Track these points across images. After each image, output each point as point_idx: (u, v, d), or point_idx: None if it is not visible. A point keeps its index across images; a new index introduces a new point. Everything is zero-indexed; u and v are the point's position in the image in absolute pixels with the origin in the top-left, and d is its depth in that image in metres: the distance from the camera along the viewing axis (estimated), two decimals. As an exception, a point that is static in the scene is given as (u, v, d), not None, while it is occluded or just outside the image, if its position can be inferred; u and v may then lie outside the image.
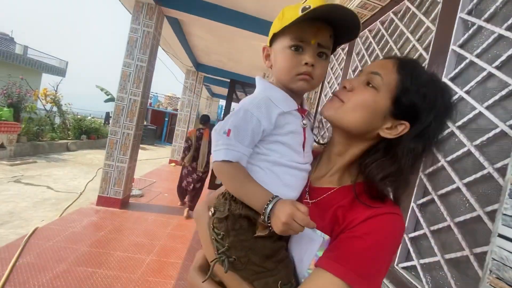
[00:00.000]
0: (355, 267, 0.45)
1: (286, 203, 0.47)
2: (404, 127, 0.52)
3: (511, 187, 0.56)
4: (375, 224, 0.48)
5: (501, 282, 0.54)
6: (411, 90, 0.51)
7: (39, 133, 7.22)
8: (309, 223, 0.46)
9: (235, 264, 0.52)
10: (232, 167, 0.52)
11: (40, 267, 2.21)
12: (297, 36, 0.54)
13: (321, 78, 0.59)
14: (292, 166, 0.57)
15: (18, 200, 3.86)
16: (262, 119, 0.53)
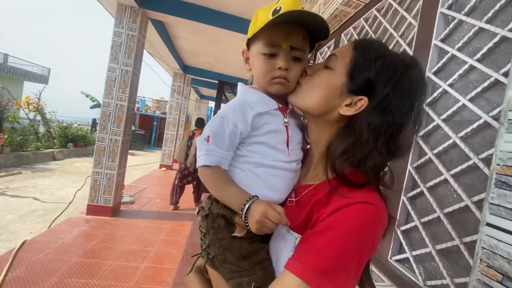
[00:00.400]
0: (311, 264, 0.43)
1: (261, 203, 0.49)
2: (363, 102, 0.50)
3: (497, 177, 0.57)
4: (338, 217, 0.45)
5: (491, 270, 0.56)
6: (364, 64, 0.51)
7: (23, 143, 6.97)
8: (281, 220, 0.46)
9: (214, 261, 0.55)
10: (212, 171, 0.55)
11: (31, 280, 2.13)
12: (269, 41, 0.55)
13: (296, 80, 0.59)
14: (276, 166, 0.57)
15: (4, 213, 3.72)
16: (238, 123, 0.55)
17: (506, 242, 0.53)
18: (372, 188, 0.50)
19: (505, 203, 0.55)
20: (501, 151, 0.57)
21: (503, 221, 0.54)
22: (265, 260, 0.54)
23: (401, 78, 0.49)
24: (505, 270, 0.53)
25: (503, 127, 0.57)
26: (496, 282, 0.54)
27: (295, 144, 0.61)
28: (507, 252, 0.53)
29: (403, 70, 0.50)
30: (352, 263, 0.44)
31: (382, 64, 0.50)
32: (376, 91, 0.50)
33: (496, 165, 0.57)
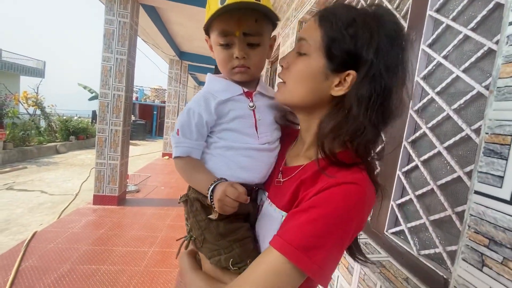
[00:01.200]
0: (293, 240, 0.43)
1: (223, 184, 0.51)
2: (351, 76, 0.48)
3: (485, 145, 0.58)
4: (323, 197, 0.45)
5: (479, 236, 0.58)
6: (337, 38, 0.47)
7: (26, 138, 7.03)
8: (239, 197, 0.49)
9: (196, 242, 0.59)
10: (183, 161, 0.58)
11: (44, 269, 2.23)
12: (222, 31, 0.55)
13: (259, 64, 0.60)
14: (245, 148, 0.59)
15: (13, 207, 3.83)
16: (202, 113, 0.57)
17: (493, 208, 0.55)
18: (361, 168, 0.49)
19: (492, 171, 0.55)
20: (489, 119, 0.57)
21: (491, 188, 0.56)
22: (244, 238, 0.56)
23: (379, 37, 0.46)
24: (492, 235, 0.55)
25: (492, 95, 0.57)
26: (483, 246, 0.56)
27: (266, 126, 0.62)
28: (494, 218, 0.54)
29: (377, 26, 0.46)
30: (333, 242, 0.43)
31: (355, 30, 0.47)
32: (360, 60, 0.47)
33: (485, 134, 0.58)
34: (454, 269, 0.62)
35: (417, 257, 0.92)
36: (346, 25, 0.47)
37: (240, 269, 0.52)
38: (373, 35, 0.46)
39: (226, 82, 0.62)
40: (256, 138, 0.59)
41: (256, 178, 0.60)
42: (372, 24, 0.46)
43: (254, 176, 0.59)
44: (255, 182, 0.60)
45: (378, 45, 0.46)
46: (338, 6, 0.51)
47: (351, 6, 0.51)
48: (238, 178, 0.57)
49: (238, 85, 0.61)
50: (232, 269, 0.53)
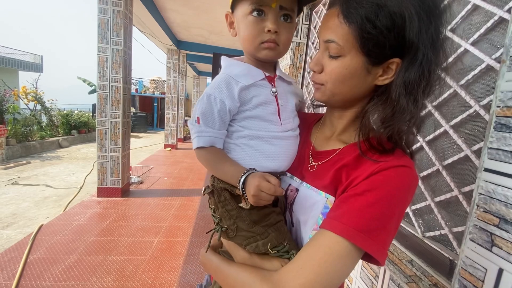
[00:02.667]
0: (355, 223, 0.43)
1: (255, 176, 0.49)
2: (395, 64, 0.46)
3: (496, 120, 0.54)
4: (378, 181, 0.45)
5: (488, 215, 0.55)
6: (371, 34, 0.43)
7: (28, 133, 7.05)
8: (276, 191, 0.48)
9: (228, 232, 0.56)
10: (207, 152, 0.55)
11: (52, 260, 2.27)
12: (257, 0, 0.50)
13: (287, 44, 0.56)
14: (269, 136, 0.56)
15: (19, 202, 3.87)
16: (225, 99, 0.54)
17: (504, 185, 0.52)
18: (401, 152, 0.49)
19: (504, 146, 0.52)
20: (501, 91, 0.53)
21: (502, 165, 0.53)
22: (277, 222, 0.55)
23: (418, 15, 0.41)
24: (502, 214, 0.52)
25: (504, 65, 0.53)
26: (493, 226, 0.54)
27: (288, 113, 0.60)
28: (505, 196, 0.52)
29: (411, 3, 0.41)
30: (392, 222, 0.45)
31: (388, 18, 0.42)
32: (402, 46, 0.43)
33: (496, 107, 0.54)
34: (462, 250, 0.60)
35: (422, 239, 0.91)
36: (375, 14, 0.42)
37: (279, 252, 0.52)
38: (410, 16, 0.41)
39: (246, 65, 0.58)
40: (279, 125, 0.57)
41: (281, 167, 0.59)
42: (404, 2, 0.41)
43: (279, 164, 0.58)
44: (280, 170, 0.59)
45: (419, 26, 0.41)
46: None
47: None
48: (263, 168, 0.55)
49: (259, 69, 0.58)
50: (271, 253, 0.52)
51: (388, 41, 0.43)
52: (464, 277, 0.59)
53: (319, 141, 0.61)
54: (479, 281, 0.56)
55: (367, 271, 1.03)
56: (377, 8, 0.42)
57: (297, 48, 2.37)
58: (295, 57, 2.40)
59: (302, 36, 2.37)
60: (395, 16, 0.41)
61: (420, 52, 0.42)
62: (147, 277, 2.15)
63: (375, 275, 0.97)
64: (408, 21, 0.41)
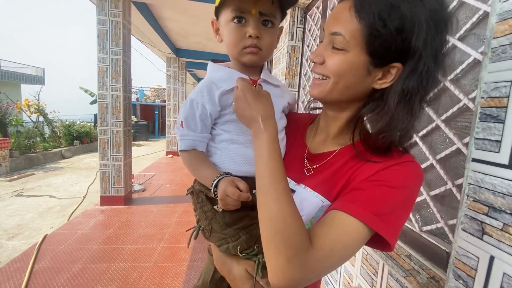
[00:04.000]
0: (369, 206, 0.43)
1: (225, 180, 0.51)
2: (396, 69, 0.45)
3: (481, 110, 0.56)
4: (392, 173, 0.46)
5: (478, 204, 0.56)
6: (380, 33, 0.42)
7: (31, 145, 7.12)
8: (240, 196, 0.49)
9: (204, 232, 0.59)
10: (188, 154, 0.58)
11: (57, 269, 2.28)
12: (237, 7, 0.53)
13: (270, 48, 0.58)
14: (249, 140, 0.57)
15: (24, 213, 3.90)
16: (206, 104, 0.56)
17: (491, 174, 0.53)
18: (398, 150, 0.50)
19: (489, 136, 0.53)
20: (485, 83, 0.55)
21: (488, 154, 0.54)
22: (250, 225, 0.56)
23: (427, 24, 0.41)
24: (491, 202, 0.53)
25: (486, 57, 0.55)
26: (482, 214, 0.55)
27: None
28: (492, 184, 0.53)
29: (422, 11, 0.40)
30: (402, 210, 0.46)
31: (399, 21, 0.41)
32: (406, 52, 0.43)
33: (481, 99, 0.56)
34: (455, 241, 0.61)
35: (420, 234, 0.91)
36: (388, 14, 0.41)
37: (248, 254, 0.53)
38: (420, 22, 0.41)
39: (228, 70, 0.60)
40: None
41: None
42: (417, 8, 0.41)
43: None
44: None
45: (426, 34, 0.41)
46: None
47: None
48: (243, 172, 0.57)
49: (242, 74, 0.59)
50: (240, 255, 0.53)
51: (395, 44, 0.43)
52: (458, 267, 0.60)
53: (314, 143, 0.61)
54: (472, 270, 0.56)
55: (367, 268, 1.04)
56: (391, 8, 0.41)
57: (292, 51, 2.40)
58: (291, 60, 2.43)
59: (298, 39, 2.41)
60: (406, 20, 0.41)
61: (422, 60, 0.42)
62: (151, 283, 2.15)
63: (375, 271, 0.97)
64: (417, 27, 0.41)
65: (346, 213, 0.44)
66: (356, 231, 0.43)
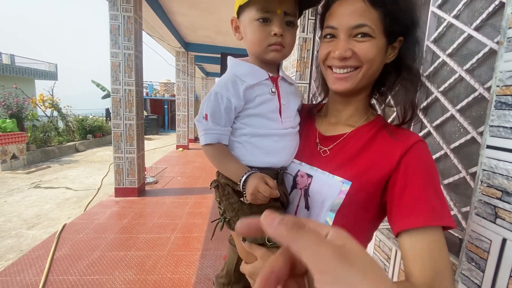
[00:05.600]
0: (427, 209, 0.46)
1: (255, 177, 0.53)
2: (399, 42, 0.54)
3: (497, 98, 0.57)
4: (411, 161, 0.50)
5: (491, 189, 0.58)
6: (395, 16, 0.51)
7: (46, 139, 7.35)
8: (272, 193, 0.51)
9: (230, 223, 0.61)
10: (213, 148, 0.59)
11: (76, 256, 2.39)
12: (262, 7, 0.55)
13: (292, 46, 0.61)
14: (270, 134, 0.60)
15: (42, 204, 4.07)
16: (231, 98, 0.57)
17: (505, 160, 0.55)
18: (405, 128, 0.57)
19: (504, 123, 0.55)
20: (500, 71, 0.56)
21: (503, 141, 0.55)
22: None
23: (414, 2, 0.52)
24: (504, 187, 0.55)
25: (502, 46, 0.56)
26: (496, 199, 0.57)
27: (289, 111, 0.64)
28: (506, 170, 0.54)
29: None
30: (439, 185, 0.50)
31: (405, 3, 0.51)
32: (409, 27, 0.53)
33: (496, 87, 0.57)
34: (468, 225, 0.63)
35: (432, 222, 0.93)
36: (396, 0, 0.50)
37: (275, 244, 0.54)
38: (412, 2, 0.52)
39: (250, 66, 0.62)
40: (280, 123, 0.61)
41: (281, 162, 0.62)
42: None
43: (279, 160, 0.61)
44: (280, 166, 0.62)
45: (416, 10, 0.52)
46: None
47: None
48: (263, 163, 0.59)
49: (263, 70, 0.62)
50: (268, 244, 0.55)
51: (406, 21, 0.52)
52: (471, 250, 0.62)
53: (325, 126, 0.65)
54: (485, 252, 0.59)
55: (379, 255, 1.06)
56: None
57: (304, 43, 2.40)
58: (302, 52, 2.42)
59: (309, 31, 2.40)
60: (403, 1, 0.51)
61: (419, 30, 0.53)
62: (166, 271, 2.24)
63: (387, 257, 1.00)
64: (411, 4, 0.52)
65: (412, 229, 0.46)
66: (435, 237, 0.46)
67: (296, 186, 0.63)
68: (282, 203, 0.62)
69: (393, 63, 0.56)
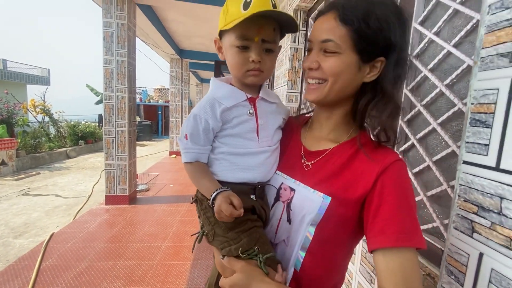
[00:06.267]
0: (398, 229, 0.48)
1: (221, 196, 0.55)
2: (380, 62, 0.54)
3: (471, 116, 0.59)
4: (387, 181, 0.52)
5: (468, 204, 0.60)
6: (364, 35, 0.51)
7: (37, 145, 7.23)
8: (232, 213, 0.52)
9: (208, 236, 0.63)
10: (191, 166, 0.63)
11: (63, 267, 2.34)
12: (241, 34, 0.57)
13: (271, 70, 0.63)
14: (246, 153, 0.63)
15: (30, 211, 3.98)
16: (209, 119, 0.61)
17: (480, 176, 0.56)
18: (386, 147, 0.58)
19: (479, 140, 0.57)
20: (474, 90, 0.58)
21: (477, 157, 0.57)
22: (250, 228, 0.61)
23: (394, 21, 0.51)
24: (480, 202, 0.56)
25: (476, 66, 0.58)
26: (472, 213, 0.58)
27: (267, 131, 0.66)
28: (481, 185, 0.56)
29: (389, 11, 0.51)
30: (414, 206, 0.52)
31: (377, 22, 0.50)
32: (389, 46, 0.52)
33: (471, 105, 0.59)
34: (447, 239, 0.64)
35: (417, 233, 0.95)
36: (366, 18, 0.50)
37: (250, 255, 0.57)
38: (391, 21, 0.51)
39: (230, 88, 0.65)
40: (257, 142, 0.64)
41: (257, 178, 0.64)
42: (385, 10, 0.51)
43: (255, 176, 0.64)
44: (257, 181, 0.65)
45: (400, 30, 0.52)
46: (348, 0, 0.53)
47: None
48: (239, 179, 0.63)
49: (242, 92, 0.64)
50: (242, 256, 0.57)
51: (378, 41, 0.52)
52: (450, 263, 0.63)
53: (310, 141, 0.67)
54: (463, 266, 0.60)
55: (366, 266, 1.07)
56: (369, 13, 0.50)
57: (295, 53, 2.44)
58: (293, 62, 2.46)
59: (300, 42, 2.44)
60: (382, 21, 0.51)
61: (402, 51, 0.53)
62: (156, 281, 2.20)
63: (373, 268, 1.01)
64: (392, 26, 0.51)
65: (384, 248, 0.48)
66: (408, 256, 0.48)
67: (280, 199, 0.65)
68: (260, 216, 0.64)
69: (373, 84, 0.57)
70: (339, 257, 0.61)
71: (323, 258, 0.58)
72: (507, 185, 0.51)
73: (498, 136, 0.52)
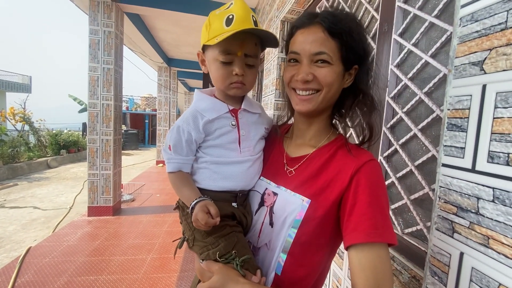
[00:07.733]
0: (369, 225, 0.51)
1: (199, 205, 0.58)
2: (355, 69, 0.61)
3: (448, 121, 0.62)
4: (361, 180, 0.55)
5: (448, 205, 0.62)
6: (350, 46, 0.58)
7: (15, 155, 6.91)
8: (207, 222, 0.55)
9: (188, 242, 0.65)
10: (174, 175, 0.65)
11: (40, 283, 2.21)
12: (225, 49, 0.60)
13: (253, 82, 0.66)
14: (227, 162, 0.65)
15: (5, 225, 3.76)
16: (191, 131, 0.63)
17: (458, 178, 0.59)
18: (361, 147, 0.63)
19: (455, 143, 0.60)
20: (450, 96, 0.62)
21: (455, 159, 0.60)
22: (229, 233, 0.63)
23: (365, 33, 0.60)
24: (458, 203, 0.59)
25: (451, 74, 0.62)
26: (452, 214, 0.60)
27: (249, 141, 0.68)
28: (459, 187, 0.59)
29: (361, 26, 0.60)
30: (387, 207, 0.55)
31: (358, 35, 0.58)
32: (364, 55, 0.60)
33: (447, 110, 0.62)
34: (430, 240, 0.66)
35: (402, 236, 0.96)
36: (350, 32, 0.57)
37: (227, 259, 0.59)
38: (362, 33, 0.59)
39: (212, 100, 0.67)
40: (238, 152, 0.66)
41: (239, 186, 0.66)
42: (358, 24, 0.59)
43: (236, 184, 0.66)
44: (239, 189, 0.67)
45: (366, 40, 0.61)
46: (337, 14, 0.58)
47: (342, 12, 0.60)
48: (221, 187, 0.65)
49: (224, 104, 0.67)
50: (219, 260, 0.59)
51: (359, 51, 0.59)
52: (433, 264, 0.65)
53: (292, 148, 0.70)
54: (445, 266, 0.61)
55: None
56: (351, 27, 0.57)
57: (282, 63, 2.49)
58: (281, 72, 2.51)
59: (287, 52, 2.50)
60: (360, 34, 0.59)
61: (371, 59, 0.61)
62: (140, 295, 2.11)
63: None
64: (364, 38, 0.60)
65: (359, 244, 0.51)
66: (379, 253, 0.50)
67: (264, 204, 0.67)
68: (240, 223, 0.66)
69: (350, 88, 0.63)
70: (321, 258, 0.62)
71: (304, 259, 0.60)
72: (482, 186, 0.53)
73: (473, 139, 0.55)
